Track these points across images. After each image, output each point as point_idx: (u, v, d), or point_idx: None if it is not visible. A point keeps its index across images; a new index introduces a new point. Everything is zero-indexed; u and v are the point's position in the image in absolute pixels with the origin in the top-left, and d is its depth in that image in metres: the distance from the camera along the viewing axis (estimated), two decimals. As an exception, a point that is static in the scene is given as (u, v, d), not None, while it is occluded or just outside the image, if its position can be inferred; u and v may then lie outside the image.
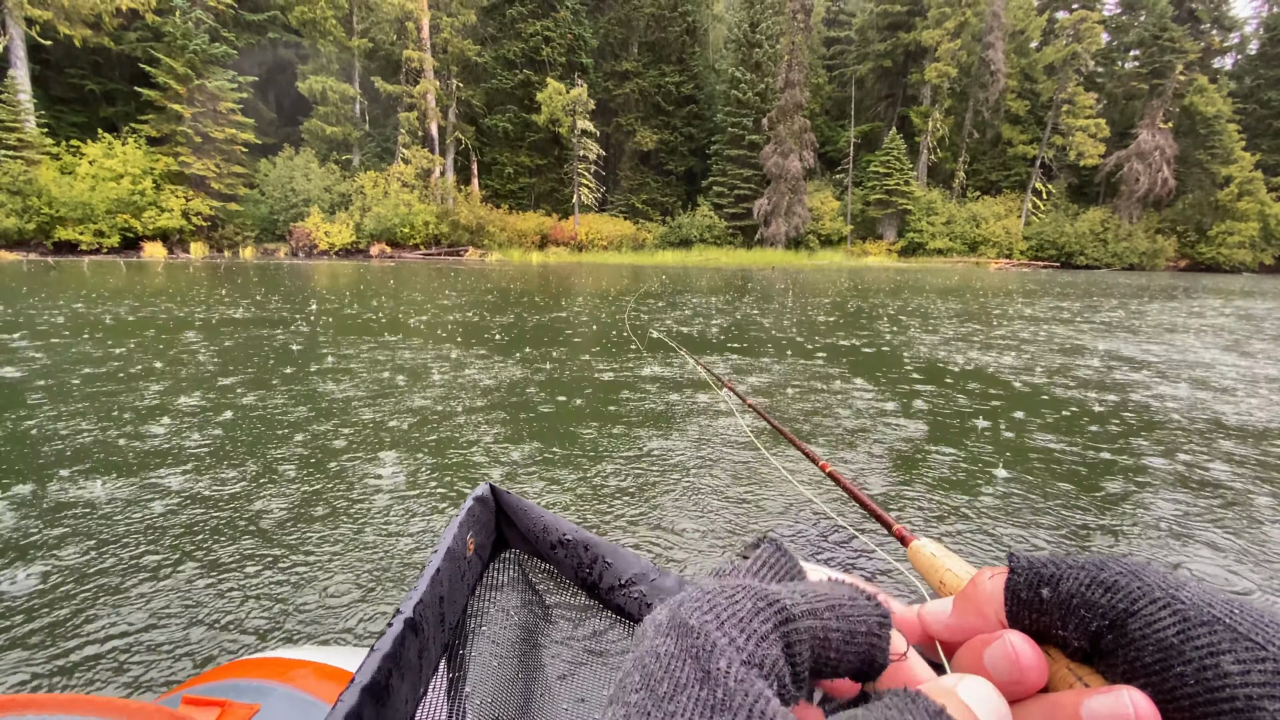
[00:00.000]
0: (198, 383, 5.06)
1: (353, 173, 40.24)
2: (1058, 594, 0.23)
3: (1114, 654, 0.22)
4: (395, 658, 0.37)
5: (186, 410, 4.25)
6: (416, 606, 0.41)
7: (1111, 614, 0.22)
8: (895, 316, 11.04)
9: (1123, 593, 0.22)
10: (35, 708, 0.47)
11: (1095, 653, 0.22)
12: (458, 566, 0.48)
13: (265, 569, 2.31)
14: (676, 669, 0.19)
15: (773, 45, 43.69)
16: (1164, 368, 6.58)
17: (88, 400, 4.43)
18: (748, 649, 0.20)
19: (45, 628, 1.94)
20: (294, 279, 18.37)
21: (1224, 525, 2.80)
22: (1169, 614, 0.21)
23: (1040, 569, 0.24)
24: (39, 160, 30.62)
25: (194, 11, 33.59)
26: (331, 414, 4.24)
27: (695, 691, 0.18)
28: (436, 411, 4.34)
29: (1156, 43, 45.43)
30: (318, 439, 3.71)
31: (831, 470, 0.77)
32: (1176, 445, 3.91)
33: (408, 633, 0.39)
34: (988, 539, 2.65)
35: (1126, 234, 44.59)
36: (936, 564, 0.34)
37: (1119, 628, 0.21)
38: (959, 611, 0.27)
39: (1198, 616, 0.20)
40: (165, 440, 3.63)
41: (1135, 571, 0.22)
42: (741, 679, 0.18)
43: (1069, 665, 0.23)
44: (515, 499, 0.56)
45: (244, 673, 0.74)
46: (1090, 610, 0.22)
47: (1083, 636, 0.22)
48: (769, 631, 0.21)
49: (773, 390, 5.21)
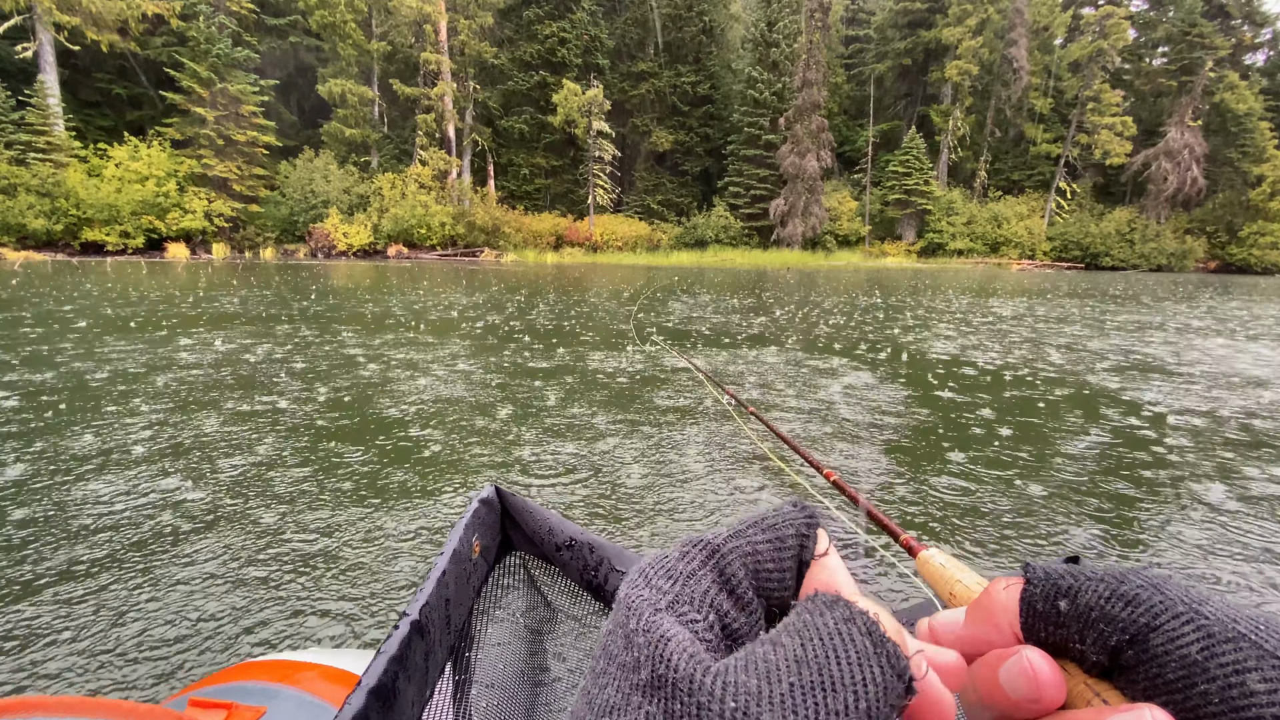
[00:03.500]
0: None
1: (371, 174, 40.61)
2: (1076, 606, 0.22)
3: (1134, 670, 0.21)
4: (401, 660, 0.37)
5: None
6: (422, 609, 0.40)
7: (1132, 628, 0.21)
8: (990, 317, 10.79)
9: (1144, 606, 0.21)
10: (41, 710, 0.47)
11: (1114, 668, 0.22)
12: (463, 569, 0.47)
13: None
14: (610, 644, 0.19)
15: (790, 44, 43.35)
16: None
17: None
18: (670, 594, 0.20)
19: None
20: (326, 278, 18.53)
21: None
22: (1192, 629, 0.20)
23: (1058, 580, 0.23)
24: (67, 163, 31.30)
25: (217, 16, 34.14)
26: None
27: (622, 658, 0.19)
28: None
29: (1185, 39, 44.30)
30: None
31: (836, 479, 0.72)
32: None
33: (414, 635, 0.39)
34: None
35: (1154, 234, 43.50)
36: (946, 574, 0.34)
37: (1140, 643, 0.21)
38: (972, 622, 0.26)
39: (1222, 632, 0.19)
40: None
41: (1157, 585, 0.21)
42: (649, 628, 0.19)
43: (1086, 681, 0.22)
44: (521, 501, 0.55)
45: (250, 675, 0.74)
46: (1110, 624, 0.21)
47: (1102, 651, 0.22)
48: (696, 569, 0.21)
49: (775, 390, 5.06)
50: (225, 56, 33.46)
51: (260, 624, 1.96)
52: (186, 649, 1.84)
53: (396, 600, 2.10)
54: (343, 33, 38.99)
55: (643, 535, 2.62)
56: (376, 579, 2.22)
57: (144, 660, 1.79)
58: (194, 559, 2.32)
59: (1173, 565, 2.45)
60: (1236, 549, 2.56)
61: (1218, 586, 2.29)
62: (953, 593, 0.32)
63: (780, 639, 0.19)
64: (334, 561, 2.33)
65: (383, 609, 2.05)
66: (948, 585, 0.33)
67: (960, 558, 1.14)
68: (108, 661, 1.78)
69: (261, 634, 1.91)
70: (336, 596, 2.11)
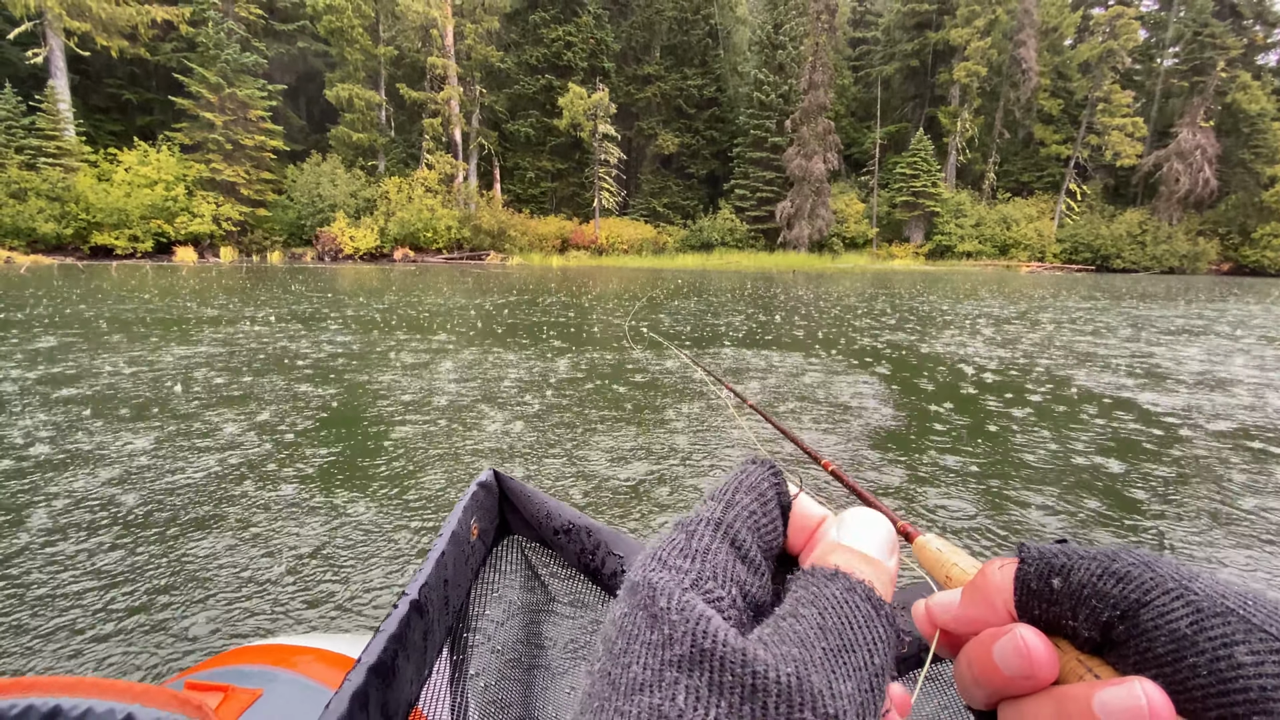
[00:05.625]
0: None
1: (378, 178, 40.75)
2: (1069, 584, 0.23)
3: (1125, 645, 0.21)
4: (400, 639, 0.37)
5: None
6: (421, 589, 0.41)
7: (1123, 605, 0.21)
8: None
9: (1135, 583, 0.22)
10: (39, 689, 0.48)
11: (1106, 644, 0.22)
12: (462, 551, 0.48)
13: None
14: (629, 625, 0.20)
15: (796, 47, 43.22)
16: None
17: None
18: (692, 573, 0.21)
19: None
20: (349, 279, 18.53)
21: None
22: (1182, 605, 0.20)
23: (1051, 559, 0.24)
24: (77, 168, 31.56)
25: (226, 22, 34.36)
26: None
27: (647, 636, 0.19)
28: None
29: (1197, 39, 43.83)
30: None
31: (835, 469, 0.72)
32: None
33: (413, 614, 0.39)
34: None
35: (1166, 236, 42.98)
36: (943, 559, 0.34)
37: (1131, 618, 0.21)
38: (967, 602, 0.26)
39: (1211, 608, 0.20)
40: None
41: (1148, 562, 0.22)
42: (683, 607, 0.19)
43: (1079, 657, 0.23)
44: (519, 485, 0.55)
45: (247, 659, 0.74)
46: (1102, 601, 0.22)
47: (1094, 627, 0.22)
48: (710, 544, 0.22)
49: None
50: (234, 62, 33.68)
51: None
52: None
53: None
54: (350, 38, 39.19)
55: (628, 524, 2.58)
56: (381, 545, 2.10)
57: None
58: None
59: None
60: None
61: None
62: (949, 575, 0.33)
63: (799, 611, 0.20)
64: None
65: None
66: (944, 569, 0.34)
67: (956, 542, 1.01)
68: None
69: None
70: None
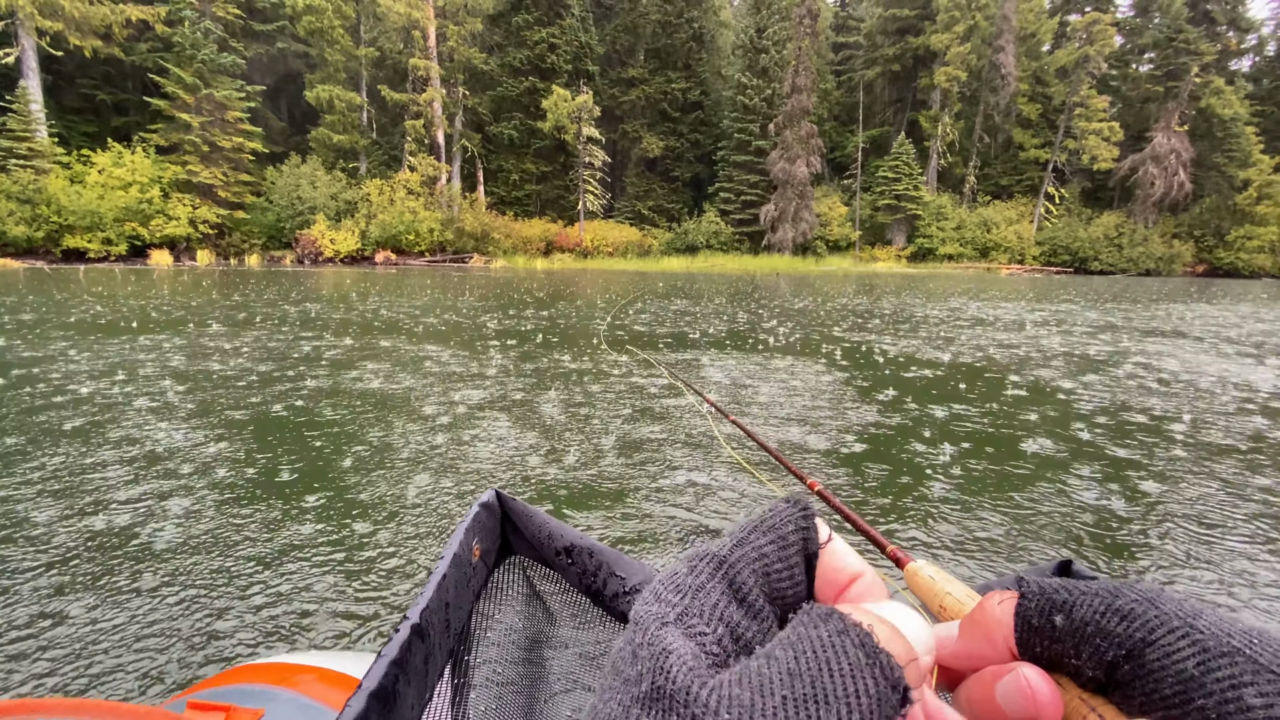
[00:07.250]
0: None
1: (359, 180, 40.39)
2: (1071, 621, 0.22)
3: (1130, 685, 0.21)
4: (402, 664, 0.37)
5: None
6: (423, 613, 0.40)
7: (1128, 643, 0.21)
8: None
9: (1139, 621, 0.21)
10: (43, 711, 0.47)
11: (1110, 684, 0.21)
12: (463, 573, 0.47)
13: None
14: (618, 660, 0.20)
15: (779, 51, 43.51)
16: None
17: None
18: (679, 607, 0.20)
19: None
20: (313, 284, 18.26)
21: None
22: (1188, 644, 0.20)
23: (1053, 594, 0.23)
24: (49, 169, 30.93)
25: (203, 22, 33.87)
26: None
27: (626, 672, 0.19)
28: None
29: (1171, 45, 44.71)
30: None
31: (821, 490, 0.71)
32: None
33: (414, 639, 0.39)
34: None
35: (1142, 239, 43.77)
36: (936, 587, 0.33)
37: (1136, 658, 0.20)
38: (966, 637, 0.25)
39: (1217, 647, 0.19)
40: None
41: (1151, 599, 0.21)
42: (653, 642, 0.19)
43: (1081, 696, 0.22)
44: (521, 505, 0.55)
45: (249, 678, 0.73)
46: (1105, 639, 0.21)
47: (1097, 666, 0.21)
48: (704, 582, 0.21)
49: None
50: (211, 62, 33.22)
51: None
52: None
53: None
54: (330, 39, 38.86)
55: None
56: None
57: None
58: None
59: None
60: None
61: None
62: (943, 605, 0.32)
63: (774, 652, 0.19)
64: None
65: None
66: (937, 598, 0.33)
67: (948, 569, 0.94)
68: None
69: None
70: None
